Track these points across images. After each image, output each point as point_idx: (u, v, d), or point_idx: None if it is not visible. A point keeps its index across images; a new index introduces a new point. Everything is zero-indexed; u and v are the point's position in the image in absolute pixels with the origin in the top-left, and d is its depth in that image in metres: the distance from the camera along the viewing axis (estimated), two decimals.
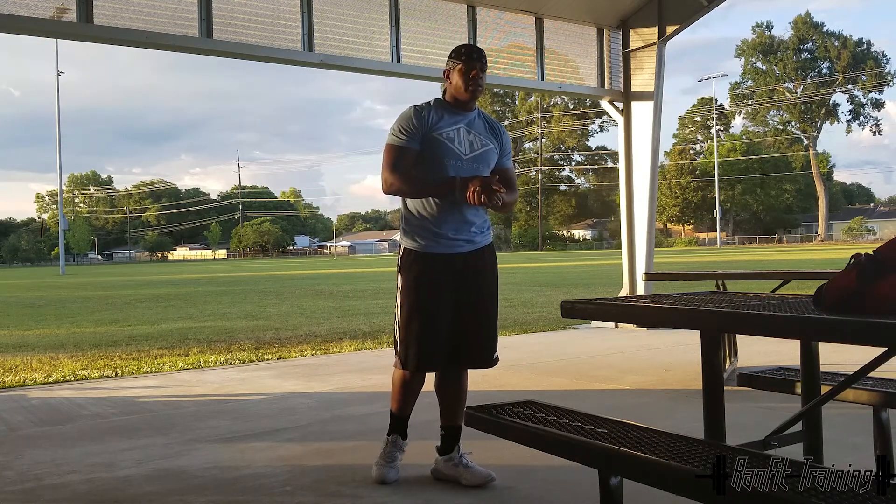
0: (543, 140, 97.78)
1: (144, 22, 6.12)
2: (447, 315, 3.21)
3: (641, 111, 8.80)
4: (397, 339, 3.27)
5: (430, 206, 3.22)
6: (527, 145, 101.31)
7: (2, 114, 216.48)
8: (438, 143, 3.20)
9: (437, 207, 3.21)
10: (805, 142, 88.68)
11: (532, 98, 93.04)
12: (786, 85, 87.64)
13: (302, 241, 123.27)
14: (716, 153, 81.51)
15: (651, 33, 8.68)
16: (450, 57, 3.30)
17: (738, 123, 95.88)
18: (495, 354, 3.34)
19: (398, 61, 7.35)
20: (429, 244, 3.22)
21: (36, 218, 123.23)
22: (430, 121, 3.23)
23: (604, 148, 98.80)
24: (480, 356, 3.30)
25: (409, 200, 3.28)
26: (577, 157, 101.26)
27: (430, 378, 3.37)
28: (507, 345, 7.96)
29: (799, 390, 2.53)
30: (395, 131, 3.24)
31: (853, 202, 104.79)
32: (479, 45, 7.87)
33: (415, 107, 3.28)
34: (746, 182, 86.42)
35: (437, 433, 3.41)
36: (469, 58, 3.25)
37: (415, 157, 3.21)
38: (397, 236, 3.41)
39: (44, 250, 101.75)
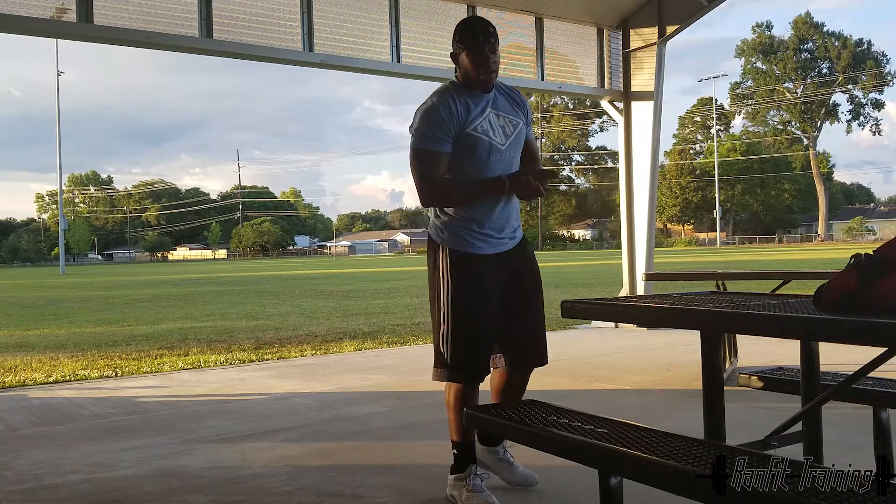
0: (543, 140, 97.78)
1: (144, 22, 6.12)
2: (502, 316, 2.98)
3: (641, 111, 8.80)
4: (446, 350, 2.94)
5: (473, 204, 2.95)
6: None
7: (2, 114, 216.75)
8: (476, 141, 2.90)
9: (480, 207, 2.94)
10: (805, 142, 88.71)
11: (532, 98, 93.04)
12: (786, 85, 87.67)
13: (302, 241, 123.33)
14: (716, 153, 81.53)
15: (651, 33, 8.68)
16: (454, 38, 2.95)
17: (738, 123, 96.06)
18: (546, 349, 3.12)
19: (398, 61, 7.34)
20: (479, 245, 2.95)
21: (36, 218, 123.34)
22: (460, 115, 2.88)
23: (604, 148, 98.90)
24: (536, 355, 3.07)
25: None
26: (577, 157, 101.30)
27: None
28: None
29: (799, 390, 2.52)
30: (423, 132, 2.87)
31: (853, 202, 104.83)
32: None
33: (439, 102, 2.88)
34: (746, 182, 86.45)
35: (435, 434, 3.40)
36: (475, 42, 2.89)
37: (448, 161, 2.89)
38: (430, 233, 3.08)
39: (44, 250, 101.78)
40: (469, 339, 2.93)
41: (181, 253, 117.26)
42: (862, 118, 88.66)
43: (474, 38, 2.90)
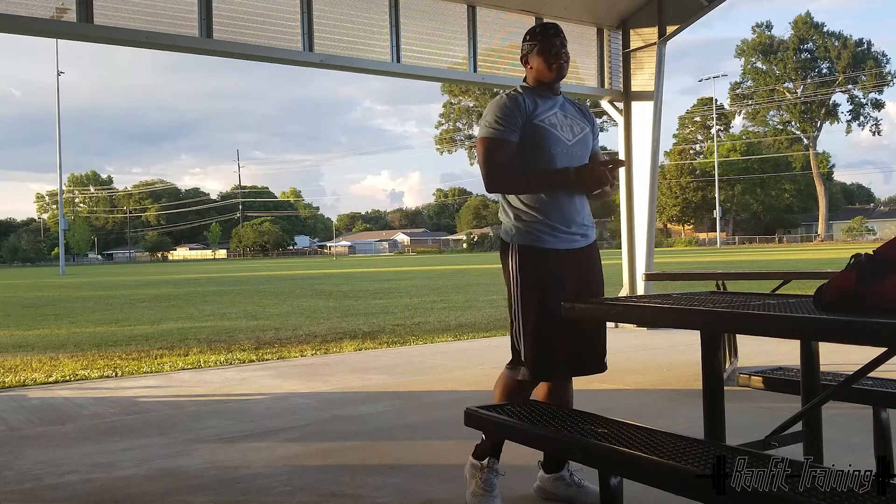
0: None
1: (144, 22, 6.12)
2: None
3: (641, 111, 8.80)
4: (522, 347, 2.94)
5: (541, 199, 2.95)
6: None
7: (2, 114, 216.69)
8: (542, 131, 2.94)
9: (549, 200, 2.95)
10: (805, 142, 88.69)
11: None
12: (786, 85, 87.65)
13: (302, 241, 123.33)
14: (716, 153, 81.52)
15: (651, 33, 8.68)
16: (525, 40, 3.06)
17: (738, 123, 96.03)
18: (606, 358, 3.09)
19: (398, 61, 7.34)
20: (548, 239, 2.93)
21: (36, 218, 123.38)
22: (528, 108, 2.95)
23: (604, 148, 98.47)
24: (600, 361, 3.04)
25: (512, 196, 3.01)
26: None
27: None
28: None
29: (799, 390, 2.52)
30: (491, 122, 2.94)
31: (853, 202, 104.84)
32: (478, 45, 7.96)
33: (507, 94, 2.99)
34: (746, 182, 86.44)
35: (435, 434, 3.40)
36: (545, 34, 3.01)
37: (516, 150, 2.94)
38: (503, 230, 3.07)
39: (44, 250, 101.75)
40: (545, 335, 2.90)
41: (181, 253, 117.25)
42: (862, 118, 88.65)
43: (545, 32, 3.03)
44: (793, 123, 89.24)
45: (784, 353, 6.12)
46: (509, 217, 3.02)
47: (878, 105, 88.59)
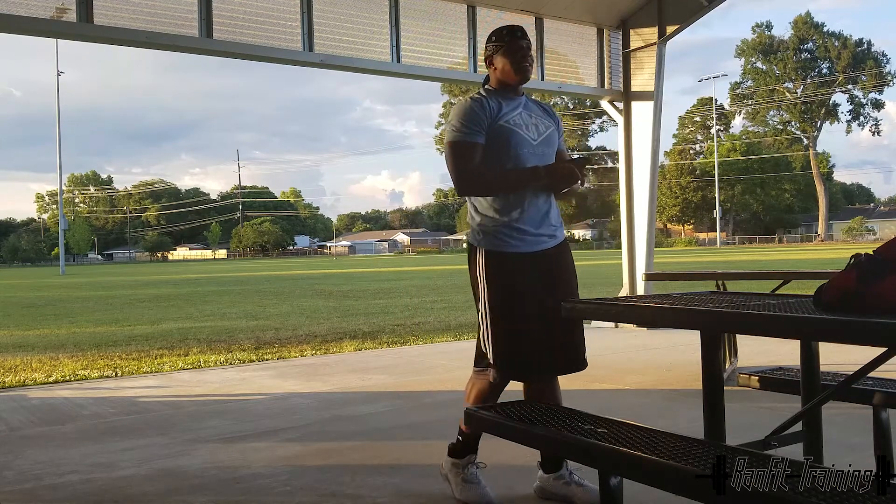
0: None
1: (144, 22, 6.12)
2: (541, 317, 2.92)
3: (641, 111, 8.80)
4: (490, 349, 2.96)
5: (506, 201, 2.97)
6: None
7: (2, 114, 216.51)
8: (508, 132, 2.97)
9: (515, 202, 2.97)
10: (805, 142, 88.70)
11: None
12: (786, 85, 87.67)
13: (302, 241, 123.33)
14: (716, 153, 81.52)
15: (651, 33, 8.68)
16: (490, 41, 3.08)
17: (738, 123, 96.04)
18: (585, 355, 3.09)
19: (398, 61, 7.34)
20: (515, 243, 2.96)
21: (36, 218, 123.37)
22: (493, 110, 2.99)
23: (604, 148, 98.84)
24: (578, 359, 3.04)
25: (479, 199, 3.03)
26: (577, 157, 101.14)
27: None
28: None
29: (799, 390, 2.52)
30: (457, 127, 2.97)
31: (853, 202, 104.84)
32: (478, 45, 7.95)
33: (472, 98, 3.03)
34: (746, 182, 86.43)
35: (435, 434, 3.40)
36: (513, 37, 3.05)
37: (483, 153, 2.96)
38: (466, 236, 3.12)
39: (44, 250, 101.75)
40: (512, 338, 2.92)
41: (181, 253, 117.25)
42: (862, 118, 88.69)
43: (512, 34, 3.07)
44: (793, 123, 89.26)
45: (784, 353, 6.12)
46: (476, 221, 3.04)
47: (878, 105, 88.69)
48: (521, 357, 2.94)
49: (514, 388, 2.94)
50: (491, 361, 2.97)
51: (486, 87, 3.12)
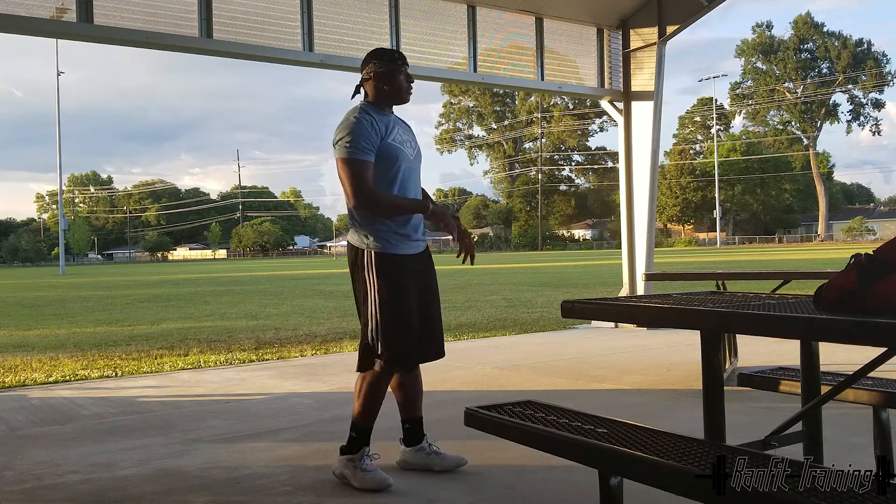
0: (543, 140, 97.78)
1: (144, 22, 6.12)
2: (418, 312, 3.30)
3: (641, 111, 8.80)
4: (379, 344, 3.22)
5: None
6: (527, 145, 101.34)
7: (2, 114, 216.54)
8: (395, 149, 3.26)
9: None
10: (805, 142, 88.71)
11: (532, 98, 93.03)
12: (786, 85, 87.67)
13: (302, 241, 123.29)
14: (716, 153, 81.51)
15: (651, 33, 8.68)
16: (377, 59, 3.31)
17: (738, 123, 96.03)
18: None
19: None
20: (401, 246, 3.28)
21: (36, 218, 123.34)
22: (380, 128, 3.24)
23: (604, 148, 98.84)
24: (441, 347, 3.47)
25: None
26: (577, 157, 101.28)
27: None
28: (508, 344, 7.96)
29: (799, 390, 2.52)
30: (353, 143, 3.17)
31: (853, 202, 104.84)
32: (478, 45, 7.97)
33: (361, 116, 3.23)
34: (746, 182, 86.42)
35: (435, 434, 3.40)
36: (404, 62, 3.35)
37: (374, 169, 3.22)
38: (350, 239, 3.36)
39: (44, 250, 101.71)
40: (399, 333, 3.22)
41: (181, 253, 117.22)
42: (862, 118, 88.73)
43: (403, 59, 3.37)
44: (793, 123, 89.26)
45: (784, 353, 6.12)
46: (364, 226, 3.28)
47: (878, 105, 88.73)
48: (407, 348, 3.25)
49: (514, 388, 2.95)
50: (380, 354, 3.23)
51: (366, 102, 3.34)
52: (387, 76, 3.29)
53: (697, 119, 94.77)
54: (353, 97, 3.41)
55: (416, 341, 3.28)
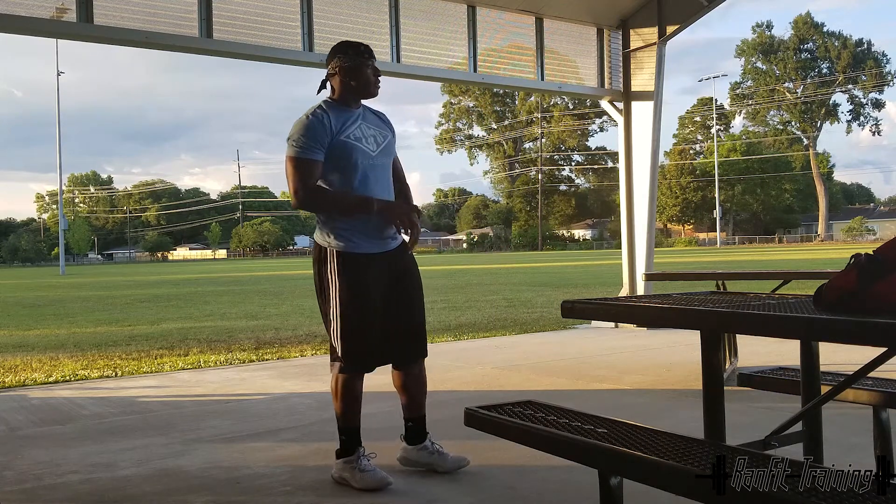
0: (543, 140, 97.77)
1: (144, 22, 6.12)
2: (386, 311, 3.25)
3: (641, 111, 8.80)
4: (338, 345, 3.22)
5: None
6: (527, 145, 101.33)
7: (2, 114, 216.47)
8: (349, 147, 3.18)
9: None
10: (805, 142, 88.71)
11: (532, 98, 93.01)
12: (786, 85, 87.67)
13: (302, 241, 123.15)
14: (716, 153, 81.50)
15: (651, 33, 8.68)
16: (342, 53, 3.24)
17: (738, 123, 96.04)
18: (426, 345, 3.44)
19: (398, 61, 7.35)
20: (362, 244, 3.21)
21: (36, 218, 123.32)
22: (334, 126, 3.18)
23: (604, 148, 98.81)
24: (420, 347, 3.38)
25: None
26: (577, 157, 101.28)
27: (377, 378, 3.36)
28: (508, 344, 7.96)
29: (799, 390, 2.52)
30: (299, 143, 3.13)
31: (853, 202, 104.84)
32: (478, 45, 7.97)
33: (313, 114, 3.19)
34: (746, 182, 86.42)
35: (436, 434, 3.40)
36: (371, 55, 3.29)
37: (321, 169, 3.17)
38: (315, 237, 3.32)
39: (44, 250, 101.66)
40: (358, 332, 3.19)
41: (181, 253, 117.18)
42: (862, 118, 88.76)
43: (369, 52, 3.30)
44: (793, 123, 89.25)
45: (784, 353, 6.12)
46: (327, 224, 3.23)
47: (879, 105, 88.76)
48: (366, 349, 3.21)
49: (514, 388, 2.95)
50: (339, 355, 3.22)
51: (328, 99, 3.29)
52: (353, 71, 3.23)
53: (697, 119, 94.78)
54: (318, 93, 3.34)
55: (377, 342, 3.23)
